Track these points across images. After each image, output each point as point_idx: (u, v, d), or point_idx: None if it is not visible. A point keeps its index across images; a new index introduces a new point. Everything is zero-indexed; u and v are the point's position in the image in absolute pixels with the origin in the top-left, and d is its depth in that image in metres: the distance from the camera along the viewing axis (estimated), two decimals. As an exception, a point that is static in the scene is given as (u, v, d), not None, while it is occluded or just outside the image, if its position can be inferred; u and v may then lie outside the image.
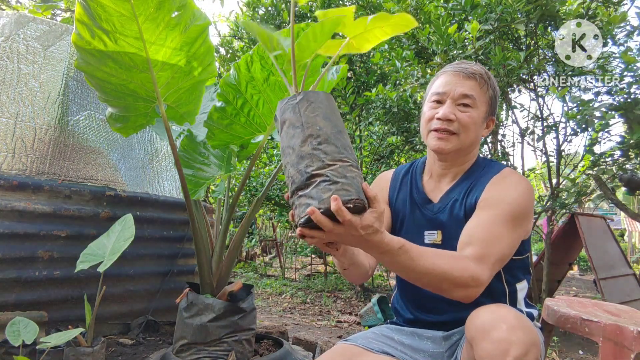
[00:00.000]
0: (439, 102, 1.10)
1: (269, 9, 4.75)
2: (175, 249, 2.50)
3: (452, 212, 1.09)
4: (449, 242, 1.07)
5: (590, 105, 2.56)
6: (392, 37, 3.35)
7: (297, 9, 4.70)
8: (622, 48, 2.68)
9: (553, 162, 3.17)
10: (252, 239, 7.11)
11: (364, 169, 4.16)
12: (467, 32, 2.49)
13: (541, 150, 3.18)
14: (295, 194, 0.75)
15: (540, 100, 3.07)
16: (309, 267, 6.76)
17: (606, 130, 2.70)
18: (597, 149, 2.92)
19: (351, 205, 0.72)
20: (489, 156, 3.40)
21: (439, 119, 1.08)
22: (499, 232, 0.96)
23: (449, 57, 2.61)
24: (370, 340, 1.08)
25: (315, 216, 0.71)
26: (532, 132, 3.24)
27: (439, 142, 1.08)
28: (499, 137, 3.45)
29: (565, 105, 2.92)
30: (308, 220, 0.72)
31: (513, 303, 1.10)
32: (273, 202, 4.88)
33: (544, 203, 3.11)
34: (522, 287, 1.12)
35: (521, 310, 1.11)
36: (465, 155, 1.13)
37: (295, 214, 0.76)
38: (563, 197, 2.99)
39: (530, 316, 1.12)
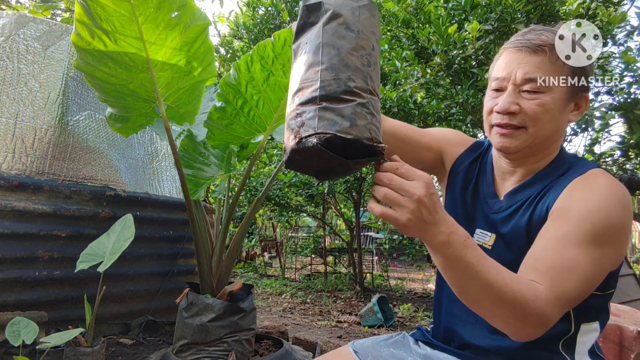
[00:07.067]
0: (499, 90, 0.86)
1: (269, 8, 4.76)
2: (175, 249, 2.50)
3: (513, 216, 0.87)
4: (499, 252, 0.85)
5: (590, 105, 2.56)
6: (391, 37, 3.34)
7: (296, 9, 4.70)
8: (622, 48, 2.68)
9: (553, 162, 3.16)
10: (252, 239, 7.11)
11: (364, 169, 4.16)
12: (467, 32, 2.49)
13: (541, 150, 3.18)
14: (318, 102, 0.61)
15: (540, 100, 3.07)
16: (309, 267, 6.76)
17: (606, 130, 2.70)
18: (597, 149, 2.92)
19: (380, 147, 0.61)
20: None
21: (498, 112, 0.85)
22: (574, 258, 0.71)
23: (448, 57, 2.61)
24: None
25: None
26: (532, 132, 3.23)
27: (502, 139, 0.85)
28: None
29: (565, 105, 2.92)
30: (328, 140, 0.58)
31: (569, 351, 0.81)
32: (273, 202, 4.88)
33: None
34: (589, 330, 0.82)
35: None
36: (542, 152, 0.87)
37: (308, 124, 0.60)
38: (563, 197, 2.98)
39: None
